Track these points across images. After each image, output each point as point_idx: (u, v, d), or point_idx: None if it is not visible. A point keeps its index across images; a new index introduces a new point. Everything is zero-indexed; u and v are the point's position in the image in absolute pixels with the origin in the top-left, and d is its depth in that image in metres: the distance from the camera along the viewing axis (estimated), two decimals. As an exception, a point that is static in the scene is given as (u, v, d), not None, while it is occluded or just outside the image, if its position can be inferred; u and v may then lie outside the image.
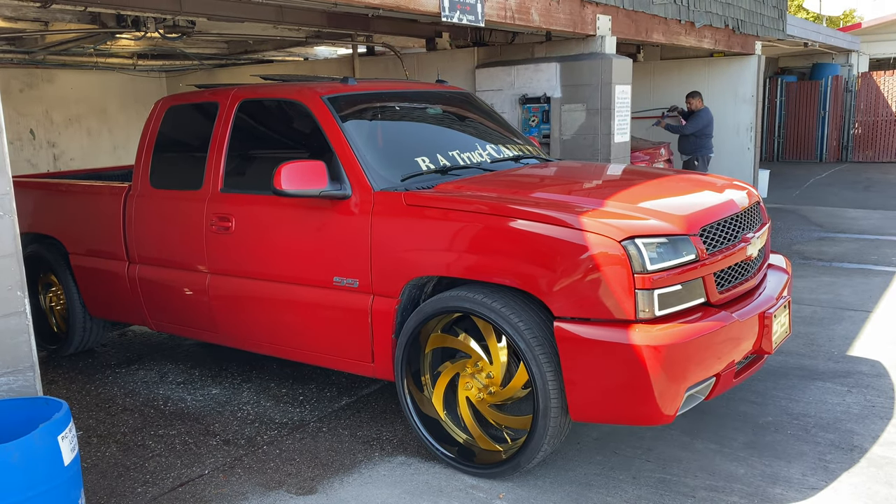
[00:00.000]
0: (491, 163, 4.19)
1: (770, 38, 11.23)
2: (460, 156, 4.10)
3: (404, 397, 3.55)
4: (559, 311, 3.06)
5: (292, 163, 3.51)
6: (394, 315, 3.53)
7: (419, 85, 4.81)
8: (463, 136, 4.50)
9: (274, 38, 8.10)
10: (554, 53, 7.31)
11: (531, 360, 3.09)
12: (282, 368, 4.89)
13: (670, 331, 2.96)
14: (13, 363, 2.68)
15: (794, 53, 17.64)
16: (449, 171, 3.91)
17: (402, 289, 3.49)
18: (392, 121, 4.32)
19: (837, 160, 17.69)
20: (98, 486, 3.45)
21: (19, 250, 2.69)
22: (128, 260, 4.68)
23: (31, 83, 9.39)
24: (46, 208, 5.21)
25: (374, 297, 3.59)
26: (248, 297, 4.08)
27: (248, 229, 4.02)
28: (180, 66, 10.38)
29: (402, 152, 3.99)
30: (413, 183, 3.70)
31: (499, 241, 3.20)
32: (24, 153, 9.37)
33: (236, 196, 4.10)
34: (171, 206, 4.41)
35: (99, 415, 4.30)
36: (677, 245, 3.08)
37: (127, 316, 4.87)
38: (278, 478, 3.45)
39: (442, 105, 4.62)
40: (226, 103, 4.29)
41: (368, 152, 3.77)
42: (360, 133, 3.86)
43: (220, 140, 4.24)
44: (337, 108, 3.92)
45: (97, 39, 7.37)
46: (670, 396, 2.97)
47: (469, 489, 3.28)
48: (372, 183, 3.62)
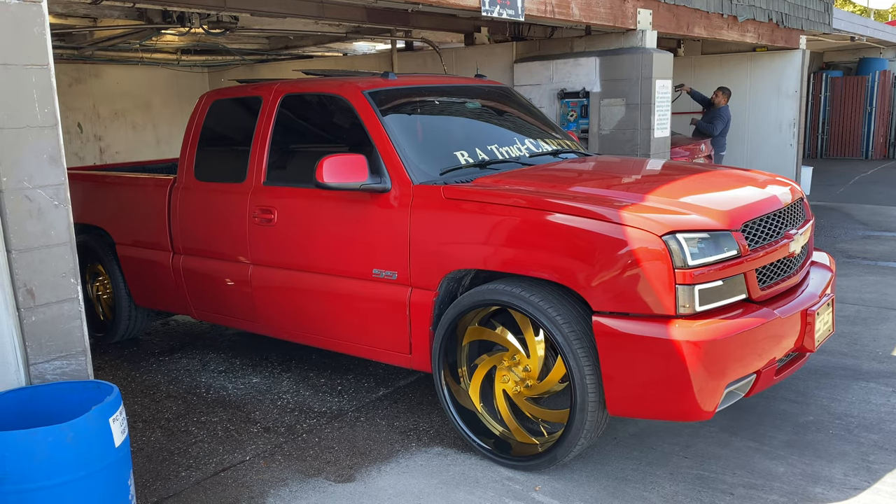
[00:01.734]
0: (529, 157, 4.20)
1: (815, 32, 10.98)
2: (499, 150, 4.12)
3: (441, 388, 3.59)
4: (598, 306, 3.06)
5: (334, 156, 3.55)
6: (431, 307, 3.57)
7: (458, 80, 4.83)
8: (501, 130, 4.51)
9: (314, 33, 8.19)
10: (593, 48, 7.26)
11: (569, 354, 3.10)
12: (320, 359, 4.97)
13: (710, 326, 2.94)
14: (66, 347, 2.77)
15: (839, 48, 17.21)
16: (487, 166, 3.94)
17: (439, 282, 3.53)
18: (431, 115, 4.35)
19: (884, 157, 17.24)
20: (144, 470, 3.55)
21: (73, 239, 2.79)
22: (172, 251, 4.78)
23: (80, 78, 9.63)
24: (94, 200, 5.34)
25: (413, 290, 3.63)
26: (288, 288, 4.15)
27: (290, 221, 4.08)
28: (222, 62, 10.55)
29: (441, 146, 4.02)
30: (452, 177, 3.74)
31: (537, 235, 3.21)
32: (72, 146, 9.62)
33: (279, 189, 4.17)
34: (214, 199, 4.49)
35: (144, 401, 4.42)
36: (719, 240, 3.06)
37: (171, 305, 4.98)
38: (317, 465, 3.52)
39: (481, 99, 4.64)
40: (269, 98, 4.36)
41: (408, 146, 3.81)
42: (399, 127, 3.89)
43: (264, 134, 4.31)
44: (377, 102, 3.96)
45: (143, 35, 7.54)
46: (709, 393, 2.96)
47: (505, 481, 3.30)
48: (411, 176, 3.66)
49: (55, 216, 2.72)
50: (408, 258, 3.61)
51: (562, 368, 3.24)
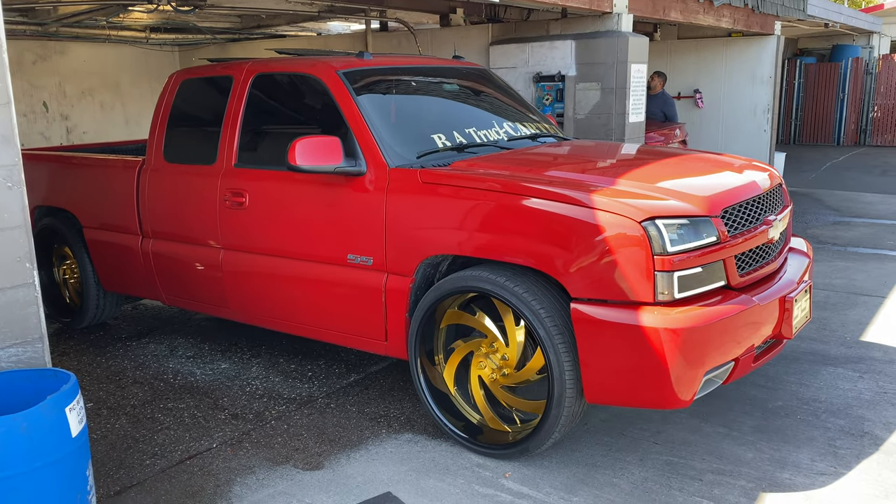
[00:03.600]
0: (508, 141, 4.13)
1: (790, 18, 11.03)
2: (477, 133, 4.04)
3: (416, 371, 3.54)
4: (576, 293, 3.02)
5: (307, 138, 3.46)
6: (408, 294, 3.51)
7: (436, 60, 4.73)
8: (480, 113, 4.43)
9: (286, 12, 8.03)
10: (569, 31, 7.20)
11: (549, 346, 3.06)
12: (291, 344, 4.90)
13: (689, 314, 2.91)
14: (22, 334, 2.68)
15: (814, 34, 17.34)
16: (465, 149, 3.86)
17: (416, 267, 3.47)
18: (408, 97, 4.25)
19: (855, 144, 17.46)
20: (107, 458, 3.48)
21: (28, 222, 2.69)
22: (141, 234, 4.67)
23: (45, 55, 9.37)
24: (61, 181, 5.20)
25: (389, 276, 3.57)
26: (260, 274, 4.07)
27: (262, 205, 3.99)
28: (193, 41, 10.33)
29: (418, 129, 3.93)
30: (429, 160, 3.66)
31: (515, 221, 3.15)
32: (38, 126, 9.38)
33: (250, 171, 4.07)
34: (184, 181, 4.37)
35: (109, 387, 4.33)
36: (698, 227, 3.03)
37: (140, 290, 4.88)
38: (285, 452, 3.47)
39: (459, 81, 4.54)
40: (240, 77, 4.24)
41: (384, 128, 3.72)
42: (375, 108, 3.79)
43: (235, 114, 4.20)
44: (352, 82, 3.86)
45: (109, 12, 7.33)
46: (688, 380, 2.94)
47: (475, 468, 3.28)
48: (387, 160, 3.58)
49: (8, 198, 2.62)
50: (384, 243, 3.54)
51: (540, 360, 3.20)
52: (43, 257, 5.39)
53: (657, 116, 9.30)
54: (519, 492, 3.08)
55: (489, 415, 3.45)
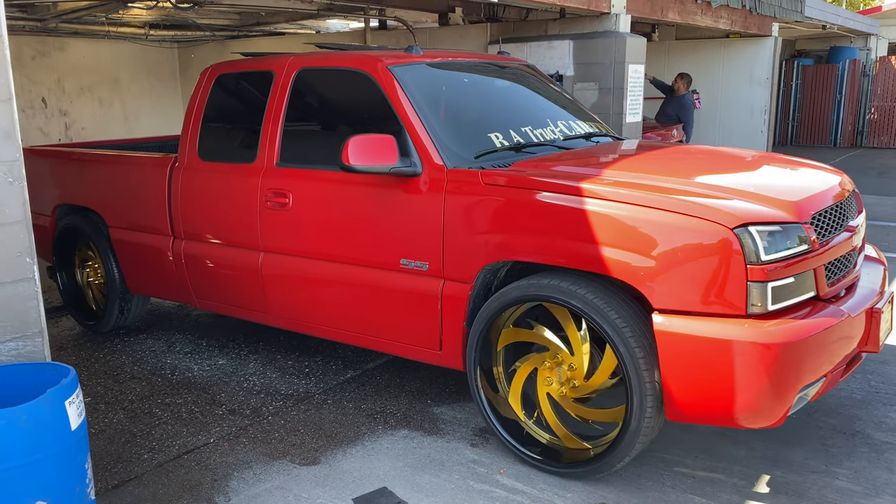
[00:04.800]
0: (563, 140, 3.93)
1: (787, 19, 11.07)
2: (533, 132, 3.84)
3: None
4: (659, 304, 2.82)
5: (361, 137, 3.28)
6: (467, 301, 3.32)
7: (482, 56, 4.51)
8: (533, 110, 4.19)
9: (286, 9, 8.06)
10: (567, 31, 7.24)
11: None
12: (288, 340, 4.93)
13: (784, 327, 2.71)
14: (22, 329, 2.71)
15: (811, 36, 17.39)
16: (523, 149, 3.67)
17: (477, 274, 3.28)
18: (461, 94, 4.04)
19: (852, 145, 17.52)
20: (105, 452, 3.50)
21: (28, 217, 2.71)
22: (173, 235, 4.47)
23: (44, 51, 9.38)
24: (85, 179, 4.99)
25: (445, 282, 3.37)
26: (304, 278, 3.88)
27: (307, 206, 3.79)
28: (192, 37, 10.34)
29: (474, 127, 3.74)
30: (487, 160, 3.47)
31: (592, 227, 2.95)
32: (36, 121, 9.39)
33: (294, 171, 3.87)
34: (221, 180, 4.17)
35: (107, 382, 4.35)
36: (790, 233, 2.82)
37: (169, 293, 4.69)
38: (282, 448, 3.49)
39: (509, 78, 4.34)
40: (282, 72, 4.05)
41: (440, 127, 3.52)
42: (429, 106, 3.61)
43: (277, 111, 4.00)
44: (404, 79, 3.67)
45: (109, 8, 7.35)
46: (782, 398, 2.74)
47: (470, 464, 3.31)
48: (445, 160, 3.39)
49: (9, 193, 2.65)
50: (441, 248, 3.35)
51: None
52: (65, 258, 5.29)
53: (671, 118, 9.32)
54: (513, 488, 3.11)
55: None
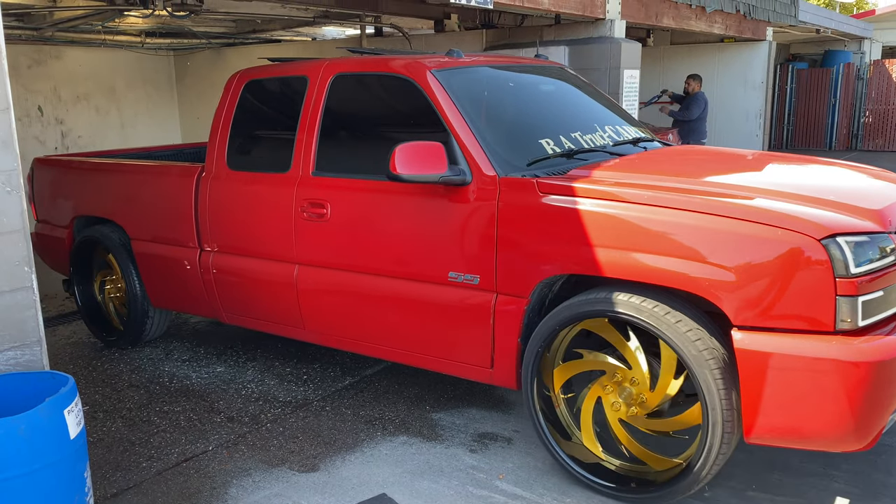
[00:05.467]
0: (613, 145, 3.78)
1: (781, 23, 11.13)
2: (583, 138, 3.68)
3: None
4: (739, 319, 2.65)
5: (409, 144, 3.12)
6: (522, 317, 3.15)
7: (520, 59, 4.38)
8: (580, 114, 4.03)
9: (282, 17, 8.08)
10: (563, 37, 7.27)
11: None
12: (286, 348, 4.93)
13: (875, 344, 2.54)
14: (20, 337, 2.71)
15: (805, 40, 17.48)
16: (574, 155, 3.51)
17: (534, 288, 3.11)
18: (508, 98, 3.85)
19: (847, 149, 17.58)
20: (104, 461, 3.50)
21: (27, 226, 2.72)
22: (200, 247, 4.30)
23: (40, 60, 9.39)
24: (106, 190, 4.81)
25: (498, 296, 3.21)
26: (343, 292, 3.71)
27: (347, 217, 3.62)
28: (188, 45, 10.37)
29: (523, 134, 3.58)
30: (539, 168, 3.31)
31: (667, 239, 2.77)
32: (33, 130, 9.40)
33: (332, 180, 3.70)
34: (252, 190, 4.01)
35: (105, 390, 4.35)
36: (878, 244, 2.65)
37: (195, 307, 4.52)
38: (281, 455, 3.49)
39: (551, 81, 4.18)
40: (316, 78, 3.89)
41: (490, 133, 3.37)
42: (477, 111, 3.46)
43: (312, 118, 3.84)
44: (450, 83, 3.52)
45: (105, 16, 7.37)
46: (874, 420, 2.58)
47: (470, 469, 3.31)
48: (496, 168, 3.23)
49: (8, 203, 2.65)
50: (493, 261, 3.19)
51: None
52: (82, 272, 5.13)
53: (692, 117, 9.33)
54: (513, 493, 3.12)
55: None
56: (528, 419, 3.75)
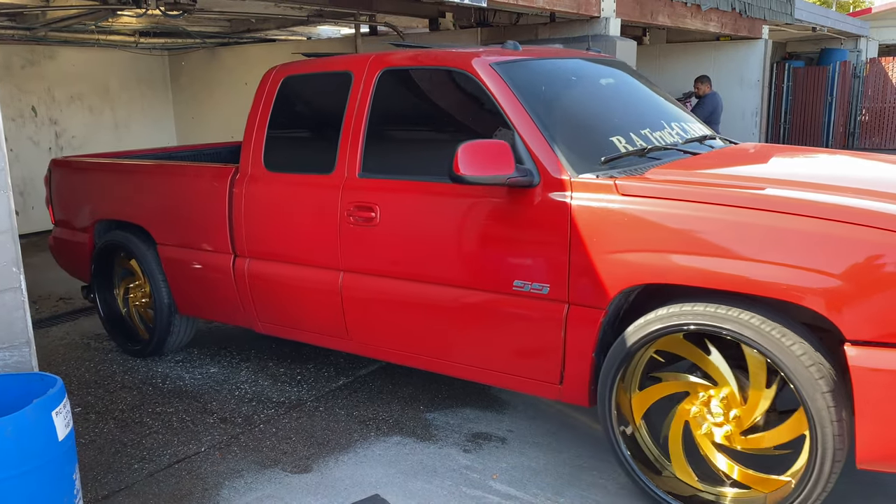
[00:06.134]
0: (683, 143, 3.58)
1: (777, 22, 11.12)
2: (652, 135, 3.48)
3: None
4: (854, 333, 2.42)
5: (473, 143, 2.92)
6: (597, 330, 2.93)
7: (576, 53, 4.13)
8: (646, 110, 3.81)
9: (276, 16, 8.06)
10: (558, 35, 7.25)
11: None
12: (280, 348, 4.91)
13: None
14: (8, 339, 2.68)
15: (802, 38, 17.48)
16: (646, 153, 3.30)
17: (612, 298, 2.87)
18: (572, 94, 3.64)
19: (844, 147, 17.59)
20: (95, 462, 3.47)
21: (15, 227, 2.69)
22: (234, 253, 4.10)
23: (33, 60, 9.35)
24: (131, 192, 4.60)
25: (571, 307, 2.99)
26: (393, 301, 3.51)
27: (399, 221, 3.42)
28: (182, 45, 10.34)
29: (593, 131, 3.37)
30: (614, 168, 3.10)
31: (770, 245, 2.55)
32: (26, 130, 9.36)
33: (381, 182, 3.49)
34: (292, 193, 3.80)
35: (97, 392, 4.32)
36: None
37: (227, 315, 4.32)
38: (274, 456, 3.47)
39: (611, 76, 3.96)
40: (362, 73, 3.67)
41: (558, 130, 3.15)
42: (544, 107, 3.23)
43: (359, 116, 3.62)
44: (512, 77, 3.30)
45: (98, 16, 7.34)
46: None
47: (463, 470, 3.29)
48: (568, 167, 3.02)
49: (-5, 203, 2.62)
50: (566, 269, 2.96)
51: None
52: (104, 278, 4.94)
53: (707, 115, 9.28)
54: (506, 493, 3.10)
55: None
56: (524, 419, 3.75)
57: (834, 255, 2.45)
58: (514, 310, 3.14)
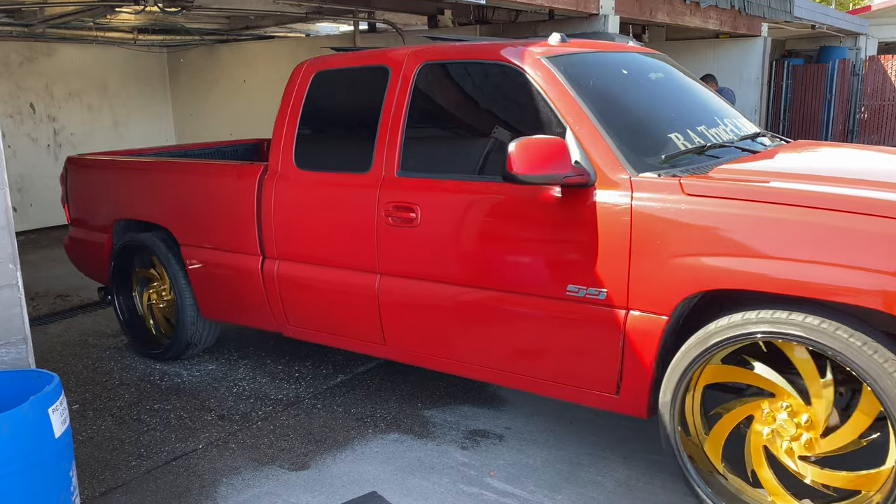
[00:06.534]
0: (739, 140, 3.44)
1: (777, 19, 11.11)
2: (708, 132, 3.35)
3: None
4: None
5: (528, 140, 2.79)
6: (659, 338, 2.79)
7: (619, 46, 3.96)
8: (698, 106, 3.65)
9: (274, 13, 8.04)
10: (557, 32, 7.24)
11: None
12: (278, 346, 4.90)
13: None
14: (5, 336, 2.68)
15: (801, 36, 17.46)
16: (705, 151, 3.17)
17: (677, 304, 2.73)
18: (625, 88, 3.48)
19: (842, 144, 17.57)
20: (93, 459, 3.47)
21: (12, 224, 2.68)
22: (262, 255, 3.98)
23: (31, 57, 9.34)
24: (152, 192, 4.46)
25: (630, 313, 2.85)
26: (436, 306, 3.37)
27: (442, 222, 3.28)
28: (181, 42, 10.32)
29: (650, 127, 3.23)
30: (674, 166, 2.97)
31: (860, 249, 2.39)
32: (25, 127, 9.34)
33: (422, 181, 3.36)
34: (325, 193, 3.67)
35: (95, 389, 4.32)
36: None
37: (253, 319, 4.20)
38: (272, 453, 3.47)
39: (659, 70, 3.81)
40: (400, 67, 3.55)
41: (614, 127, 3.01)
42: (599, 102, 3.10)
43: (397, 112, 3.49)
44: (564, 71, 3.17)
45: (96, 13, 7.33)
46: None
47: (460, 467, 3.29)
48: (627, 166, 2.88)
49: (-9, 199, 2.62)
50: (626, 273, 2.81)
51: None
52: (124, 279, 4.82)
53: None
54: (504, 490, 3.10)
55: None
56: (521, 416, 3.75)
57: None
58: (566, 316, 3.01)
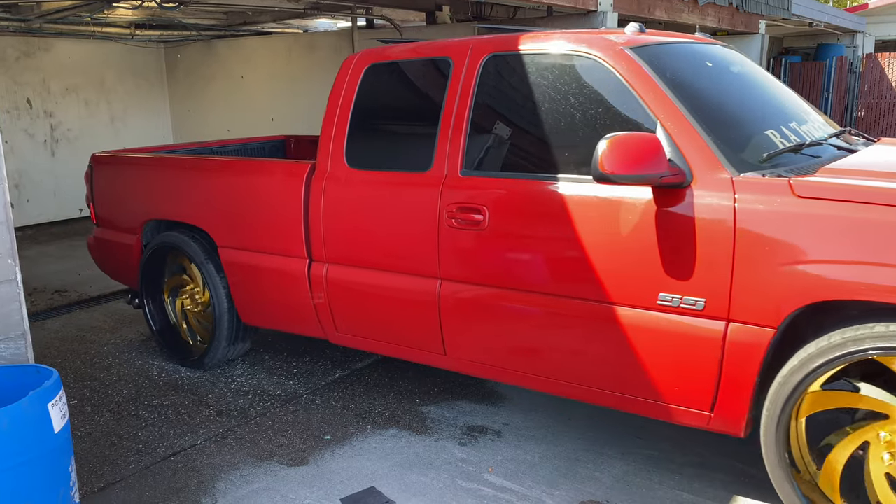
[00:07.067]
0: (827, 138, 3.27)
1: (774, 17, 11.12)
2: (800, 128, 3.17)
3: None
4: None
5: (620, 137, 2.61)
6: (764, 352, 2.59)
7: (692, 37, 3.71)
8: (786, 103, 3.45)
9: (272, 9, 8.03)
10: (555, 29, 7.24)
11: None
12: (276, 342, 4.91)
13: None
14: (4, 331, 2.68)
15: (799, 33, 17.48)
16: (802, 150, 2.99)
17: (786, 316, 2.54)
18: (712, 82, 3.27)
19: (839, 142, 17.60)
20: (91, 455, 3.47)
21: (10, 219, 2.68)
22: (310, 258, 3.79)
23: (28, 52, 9.31)
24: (187, 191, 4.26)
25: (731, 325, 2.65)
26: (506, 315, 3.18)
27: (514, 225, 3.09)
28: (178, 37, 10.29)
29: (746, 123, 3.05)
30: (777, 165, 2.79)
31: None
32: (21, 123, 9.32)
33: (489, 180, 3.18)
34: (380, 193, 3.48)
35: (94, 384, 4.32)
36: None
37: (297, 325, 4.01)
38: (270, 449, 3.48)
39: (738, 63, 3.60)
40: (463, 60, 3.36)
41: (710, 122, 2.82)
42: (691, 97, 2.90)
43: (461, 107, 3.30)
44: (652, 63, 2.97)
45: (94, 8, 7.30)
46: None
47: (459, 462, 3.30)
48: (728, 165, 2.69)
49: (-10, 195, 2.62)
50: (728, 281, 2.62)
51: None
52: (154, 283, 4.64)
53: None
54: (501, 486, 3.11)
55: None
56: (519, 413, 3.77)
57: None
58: (657, 327, 2.80)
